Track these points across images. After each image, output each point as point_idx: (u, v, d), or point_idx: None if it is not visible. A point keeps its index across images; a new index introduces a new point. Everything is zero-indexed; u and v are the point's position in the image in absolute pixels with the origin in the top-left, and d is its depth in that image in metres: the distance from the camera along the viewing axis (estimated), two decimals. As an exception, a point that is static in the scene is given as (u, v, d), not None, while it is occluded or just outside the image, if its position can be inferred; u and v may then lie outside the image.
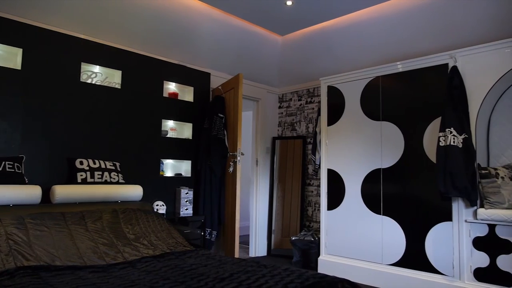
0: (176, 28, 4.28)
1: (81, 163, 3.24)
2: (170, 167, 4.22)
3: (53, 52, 3.26)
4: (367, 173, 3.89)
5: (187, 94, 4.34)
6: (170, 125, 4.19)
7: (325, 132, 4.30)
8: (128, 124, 3.72)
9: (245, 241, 5.72)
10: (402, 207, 3.59)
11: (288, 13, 4.69)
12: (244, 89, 4.82)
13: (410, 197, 3.55)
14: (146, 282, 1.90)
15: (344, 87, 4.17)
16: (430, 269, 3.36)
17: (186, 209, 3.95)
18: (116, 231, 2.77)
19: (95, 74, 3.59)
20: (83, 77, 3.50)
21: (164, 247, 2.79)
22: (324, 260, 4.14)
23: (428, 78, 3.53)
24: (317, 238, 4.42)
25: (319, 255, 4.25)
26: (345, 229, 4.01)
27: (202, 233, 3.86)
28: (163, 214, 3.71)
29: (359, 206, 3.91)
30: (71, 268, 2.19)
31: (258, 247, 5.13)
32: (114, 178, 3.35)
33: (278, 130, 5.57)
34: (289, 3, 4.40)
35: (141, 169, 3.79)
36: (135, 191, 3.40)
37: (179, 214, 3.90)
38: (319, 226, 4.29)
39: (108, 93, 3.60)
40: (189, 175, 4.22)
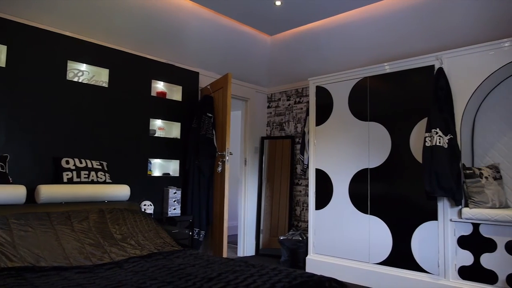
0: (164, 26, 4.25)
1: (67, 162, 3.20)
2: (158, 167, 4.19)
3: (39, 49, 3.21)
4: (354, 173, 3.92)
5: (175, 93, 4.31)
6: (158, 125, 4.16)
7: (314, 132, 4.32)
8: (115, 123, 3.69)
9: (233, 241, 5.72)
10: (389, 207, 3.64)
11: (277, 13, 4.70)
12: (233, 88, 4.82)
13: (397, 197, 3.59)
14: (133, 283, 1.88)
15: (332, 87, 4.20)
16: (416, 267, 3.40)
17: (174, 209, 3.93)
18: (102, 231, 2.74)
19: (82, 72, 3.54)
20: (70, 75, 3.45)
21: (151, 247, 2.77)
22: (312, 260, 4.16)
23: (415, 79, 3.58)
24: (305, 238, 4.44)
25: (307, 254, 4.27)
26: (332, 229, 4.04)
27: (190, 233, 3.84)
28: (150, 214, 3.68)
29: (346, 206, 3.94)
30: (57, 269, 2.16)
31: (247, 246, 5.13)
32: (101, 178, 3.32)
33: (266, 130, 5.58)
34: (278, 3, 4.41)
35: (129, 169, 3.75)
36: (122, 191, 3.37)
37: (167, 214, 3.88)
38: (307, 225, 4.31)
39: (95, 92, 3.56)
40: (177, 174, 4.20)
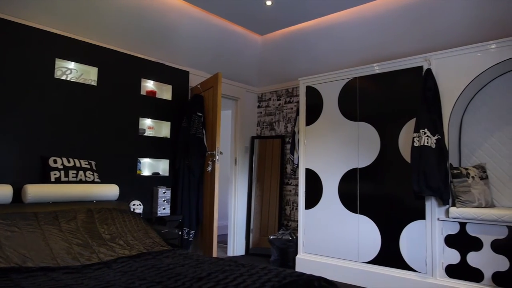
0: (154, 25, 4.22)
1: (55, 161, 3.16)
2: (148, 166, 4.16)
3: (26, 47, 3.16)
4: (344, 173, 3.95)
5: (165, 93, 4.29)
6: (147, 124, 4.13)
7: (304, 132, 4.34)
8: (104, 122, 3.65)
9: (223, 241, 5.71)
10: (377, 206, 3.67)
11: (268, 13, 4.71)
12: (223, 88, 4.81)
13: (386, 196, 3.63)
14: (121, 283, 1.87)
15: (322, 87, 4.22)
16: (404, 266, 3.44)
17: (164, 209, 3.91)
18: (91, 231, 2.71)
19: (70, 70, 3.50)
20: (58, 74, 3.41)
21: (140, 247, 2.75)
22: (302, 259, 4.18)
23: (404, 80, 3.61)
24: (295, 237, 4.46)
25: (296, 253, 4.29)
26: (322, 228, 4.06)
27: (180, 233, 3.83)
28: (140, 213, 3.66)
29: (336, 205, 3.97)
30: (44, 270, 2.13)
31: (236, 246, 5.13)
32: (89, 177, 3.29)
33: (257, 130, 5.58)
34: (268, 3, 4.41)
35: (118, 168, 3.72)
36: (111, 191, 3.34)
37: (157, 213, 3.85)
38: (297, 225, 4.33)
39: (84, 90, 3.52)
40: (167, 174, 4.17)
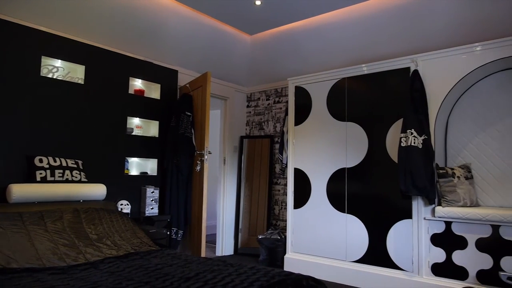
0: (143, 23, 4.19)
1: (41, 160, 3.11)
2: (136, 166, 4.13)
3: (11, 44, 3.10)
4: (332, 173, 3.97)
5: (153, 91, 4.26)
6: (135, 123, 4.10)
7: (292, 131, 4.35)
8: (91, 121, 3.61)
9: (212, 240, 5.70)
10: (365, 206, 3.70)
11: (257, 12, 4.71)
12: (212, 87, 4.80)
13: (373, 196, 3.66)
14: (109, 283, 1.85)
15: (311, 87, 4.24)
16: (391, 265, 3.48)
17: (152, 208, 3.88)
18: (77, 231, 2.68)
19: (57, 68, 3.45)
20: (44, 71, 3.36)
21: (128, 247, 2.73)
22: (290, 258, 4.19)
23: (391, 80, 3.65)
24: (283, 237, 4.47)
25: (285, 253, 4.31)
26: (310, 227, 4.08)
27: (168, 233, 3.81)
28: (127, 213, 3.63)
29: (324, 205, 3.99)
30: (29, 271, 2.10)
31: (225, 246, 5.12)
32: (76, 177, 3.24)
33: (246, 129, 5.58)
34: (258, 2, 4.41)
35: (105, 168, 3.68)
36: (98, 190, 3.31)
37: (145, 213, 3.82)
38: (286, 224, 4.34)
39: (71, 89, 3.48)
40: (155, 173, 4.15)
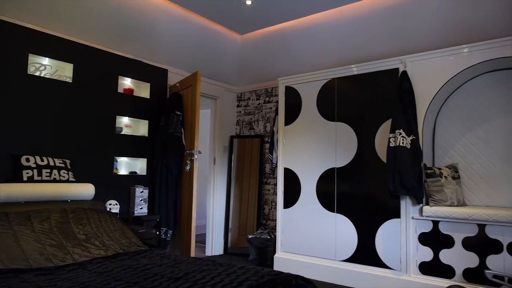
0: (133, 22, 4.16)
1: (28, 160, 3.07)
2: (125, 165, 4.10)
3: (-3, 41, 3.06)
4: (322, 172, 3.99)
5: (143, 90, 4.23)
6: (125, 122, 4.07)
7: (283, 131, 4.36)
8: (79, 120, 3.57)
9: (201, 240, 5.68)
10: (354, 205, 3.73)
11: (248, 12, 4.71)
12: (202, 87, 4.78)
13: (362, 196, 3.69)
14: (97, 284, 1.84)
15: (301, 87, 4.26)
16: (380, 264, 3.51)
17: (141, 208, 3.86)
18: (65, 232, 2.65)
19: (44, 66, 3.40)
20: (31, 70, 3.31)
21: (117, 247, 2.70)
22: (280, 258, 4.20)
23: (381, 81, 3.69)
24: (273, 236, 4.48)
25: (275, 252, 4.31)
26: (300, 227, 4.09)
27: (157, 233, 3.79)
28: (116, 213, 3.60)
29: (314, 205, 4.01)
30: (15, 271, 2.07)
31: (215, 245, 5.11)
32: (63, 176, 3.21)
33: (236, 129, 5.58)
34: (248, 2, 4.41)
35: (94, 167, 3.65)
36: (86, 190, 3.27)
37: (134, 213, 3.80)
38: (276, 224, 4.35)
39: (58, 87, 3.43)
40: (144, 173, 4.12)
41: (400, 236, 3.41)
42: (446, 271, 3.16)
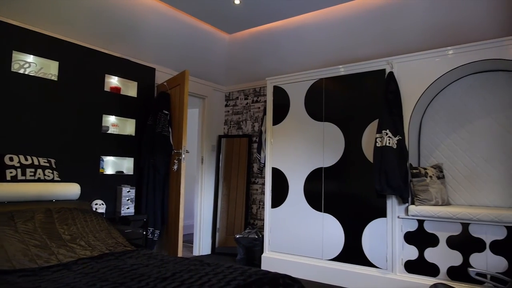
0: (120, 19, 4.11)
1: (11, 159, 3.01)
2: (111, 165, 4.05)
3: (-20, 38, 2.99)
4: (309, 172, 4.01)
5: (130, 89, 4.19)
6: (111, 121, 4.02)
7: (271, 131, 4.37)
8: (65, 119, 3.52)
9: (189, 240, 5.66)
10: (341, 205, 3.76)
11: (236, 12, 4.71)
12: (190, 86, 4.76)
13: (349, 195, 3.72)
14: (82, 285, 1.81)
15: (289, 87, 4.27)
16: (366, 263, 3.55)
17: (128, 208, 3.82)
18: (49, 232, 2.61)
19: (29, 64, 3.35)
20: (15, 67, 3.25)
21: (102, 247, 2.67)
22: (267, 257, 4.21)
23: (368, 82, 3.72)
24: (261, 236, 4.49)
25: (262, 252, 4.32)
26: (288, 227, 4.11)
27: (144, 233, 3.76)
28: (102, 213, 3.56)
29: (301, 204, 4.03)
30: (-2, 273, 2.03)
31: (202, 245, 5.10)
32: (48, 176, 3.16)
33: (224, 128, 5.57)
34: (237, 2, 4.41)
35: (79, 167, 3.60)
36: (71, 190, 3.23)
37: (120, 213, 3.76)
38: (263, 223, 4.36)
39: (43, 85, 3.38)
40: (131, 172, 4.08)
41: (386, 235, 3.45)
42: (431, 270, 3.21)
